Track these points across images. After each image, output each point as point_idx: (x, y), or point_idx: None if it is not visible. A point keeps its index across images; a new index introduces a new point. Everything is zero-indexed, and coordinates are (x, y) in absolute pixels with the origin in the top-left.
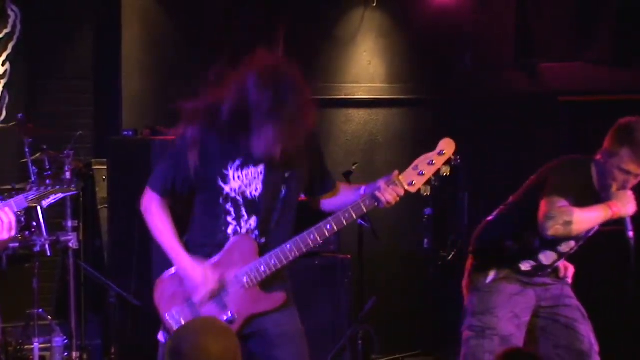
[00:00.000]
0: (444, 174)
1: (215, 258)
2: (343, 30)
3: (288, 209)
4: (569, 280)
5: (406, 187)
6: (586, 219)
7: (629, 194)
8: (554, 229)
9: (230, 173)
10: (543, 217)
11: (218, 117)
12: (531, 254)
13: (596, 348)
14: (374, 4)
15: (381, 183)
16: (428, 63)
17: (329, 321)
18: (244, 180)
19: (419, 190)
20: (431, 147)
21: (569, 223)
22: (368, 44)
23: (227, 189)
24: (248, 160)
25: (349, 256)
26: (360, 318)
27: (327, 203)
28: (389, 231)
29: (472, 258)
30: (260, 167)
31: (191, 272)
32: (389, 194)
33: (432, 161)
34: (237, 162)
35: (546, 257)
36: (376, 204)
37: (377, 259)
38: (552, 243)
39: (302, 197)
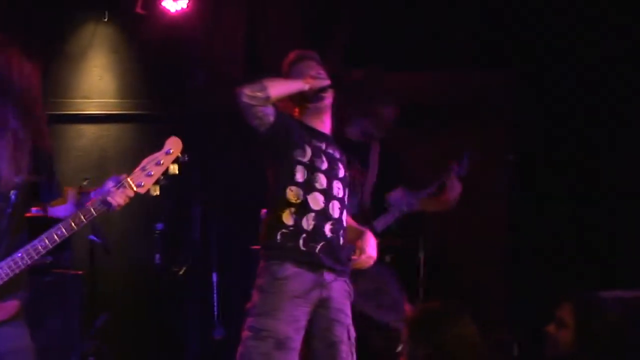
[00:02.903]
0: (173, 173)
1: None
2: (74, 45)
3: (18, 216)
4: (368, 257)
5: (135, 189)
6: (280, 82)
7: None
8: (248, 90)
9: None
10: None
11: None
12: (302, 208)
13: None
14: (105, 19)
15: (110, 187)
16: (160, 79)
17: (60, 337)
18: None
19: (148, 190)
20: None
21: (262, 86)
22: (99, 59)
23: None
24: None
25: (81, 272)
26: (92, 334)
27: (57, 210)
28: (120, 246)
29: (260, 260)
30: None
31: None
32: (118, 197)
33: (160, 161)
34: None
35: (314, 200)
36: (107, 208)
37: (109, 274)
38: (307, 184)
39: (35, 211)
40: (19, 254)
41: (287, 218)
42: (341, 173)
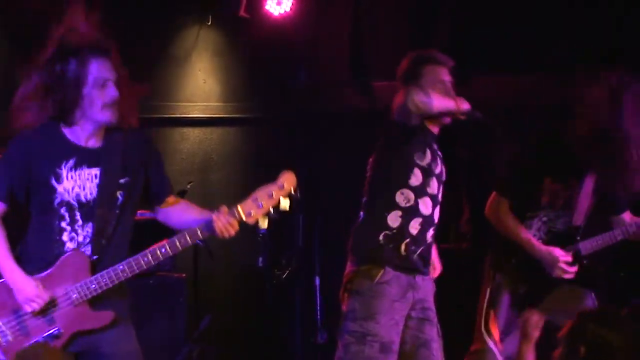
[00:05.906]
0: (284, 209)
1: (47, 271)
2: (178, 49)
3: (124, 219)
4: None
5: (244, 218)
6: (441, 98)
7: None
8: (415, 96)
9: (64, 172)
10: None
11: (46, 110)
12: (411, 212)
13: None
14: (209, 23)
15: (218, 212)
16: (263, 82)
17: (164, 340)
18: (77, 181)
19: (257, 222)
20: (265, 165)
21: (429, 96)
22: (203, 62)
23: (60, 189)
24: (82, 161)
25: (184, 275)
26: (195, 336)
27: (171, 216)
28: (224, 249)
29: (352, 264)
30: (95, 170)
31: (22, 285)
32: (222, 224)
33: (272, 194)
34: (71, 162)
35: (425, 205)
36: (212, 233)
37: (212, 277)
38: (421, 188)
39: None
40: (121, 267)
41: (393, 220)
42: (439, 169)
